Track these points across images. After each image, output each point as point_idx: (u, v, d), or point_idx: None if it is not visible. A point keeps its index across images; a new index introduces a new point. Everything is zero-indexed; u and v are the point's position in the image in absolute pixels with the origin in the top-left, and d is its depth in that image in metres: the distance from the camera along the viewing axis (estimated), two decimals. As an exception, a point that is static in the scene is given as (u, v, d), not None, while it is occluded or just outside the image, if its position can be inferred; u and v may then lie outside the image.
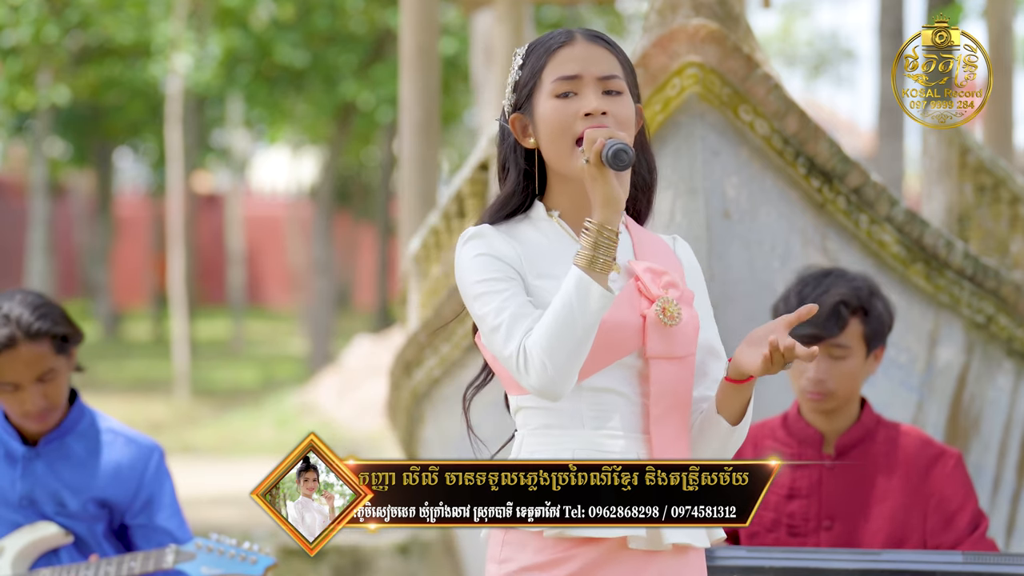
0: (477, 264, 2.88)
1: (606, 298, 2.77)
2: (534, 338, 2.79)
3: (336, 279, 26.14)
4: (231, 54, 19.87)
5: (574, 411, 2.90)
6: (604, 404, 2.90)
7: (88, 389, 4.39)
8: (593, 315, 2.77)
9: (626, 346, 2.88)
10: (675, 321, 2.87)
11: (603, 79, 2.90)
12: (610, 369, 2.89)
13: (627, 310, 2.88)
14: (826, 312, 3.91)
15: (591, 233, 2.78)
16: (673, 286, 2.90)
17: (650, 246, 2.97)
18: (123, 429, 4.29)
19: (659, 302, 2.87)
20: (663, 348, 2.88)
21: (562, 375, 2.79)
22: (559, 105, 2.89)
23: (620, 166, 2.75)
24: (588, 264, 2.77)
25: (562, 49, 2.92)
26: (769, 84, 4.79)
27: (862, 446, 4.00)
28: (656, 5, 4.79)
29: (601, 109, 2.87)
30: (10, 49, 20.26)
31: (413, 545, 8.31)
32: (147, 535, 4.22)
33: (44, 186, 23.05)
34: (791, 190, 4.91)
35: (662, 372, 2.88)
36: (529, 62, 2.95)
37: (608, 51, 2.93)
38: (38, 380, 4.09)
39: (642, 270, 2.90)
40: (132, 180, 37.41)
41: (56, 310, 4.14)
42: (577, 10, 22.74)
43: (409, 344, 6.27)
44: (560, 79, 2.89)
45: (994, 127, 8.22)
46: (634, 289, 2.90)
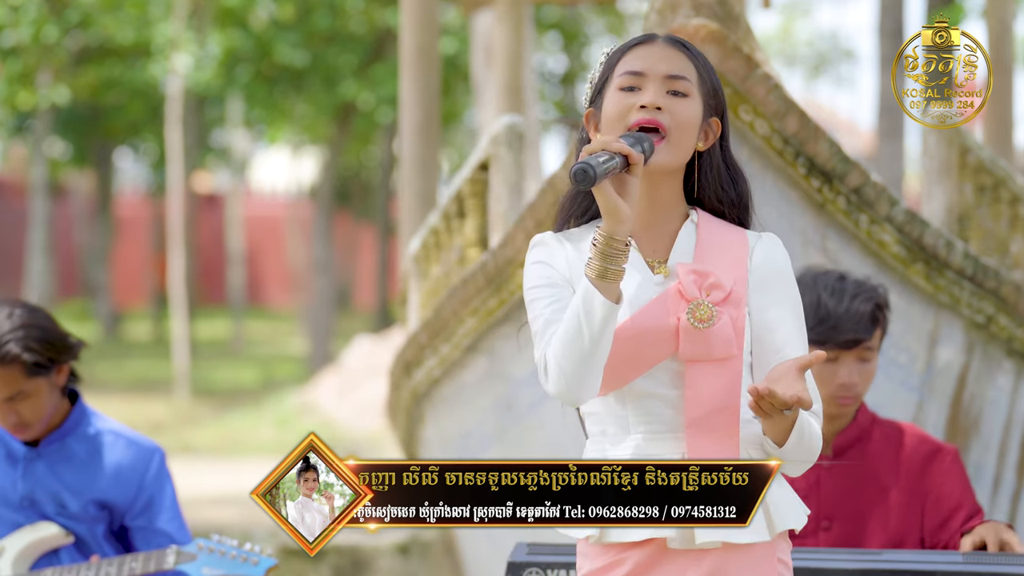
0: (532, 272, 2.93)
1: (609, 308, 2.77)
2: (552, 346, 2.82)
3: (336, 279, 26.14)
4: (231, 54, 19.87)
5: (621, 416, 2.92)
6: (649, 408, 2.90)
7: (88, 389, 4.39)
8: (599, 324, 2.77)
9: (661, 350, 2.88)
10: (707, 324, 2.85)
11: (669, 78, 2.90)
12: (653, 373, 2.89)
13: (662, 314, 2.87)
14: (867, 317, 3.92)
15: (599, 244, 2.78)
16: (718, 287, 2.88)
17: (718, 246, 2.94)
18: (124, 431, 4.28)
19: (692, 305, 2.86)
20: (698, 350, 2.86)
21: (575, 383, 2.81)
22: (621, 97, 2.90)
23: (578, 184, 2.73)
24: (597, 275, 2.78)
25: (638, 47, 2.94)
26: (769, 84, 4.79)
27: (859, 445, 4.00)
28: (656, 5, 4.79)
29: (657, 103, 2.87)
30: (10, 49, 20.26)
31: (413, 545, 8.32)
32: (147, 537, 4.22)
33: (44, 186, 23.05)
34: (791, 190, 4.91)
35: (699, 374, 2.87)
36: (609, 59, 2.97)
37: (684, 55, 2.93)
38: (8, 400, 4.06)
39: (685, 272, 2.89)
40: (132, 180, 37.41)
41: (38, 333, 4.06)
42: (577, 10, 22.74)
43: (409, 344, 6.27)
44: (626, 73, 2.91)
45: (994, 127, 8.22)
46: (675, 292, 2.88)
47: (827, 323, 3.91)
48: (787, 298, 2.96)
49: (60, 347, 4.10)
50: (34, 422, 4.11)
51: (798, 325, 2.95)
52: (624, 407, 2.92)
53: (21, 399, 4.06)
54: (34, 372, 4.05)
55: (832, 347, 3.92)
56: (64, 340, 4.12)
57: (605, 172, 2.75)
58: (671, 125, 2.88)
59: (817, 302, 3.94)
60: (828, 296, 3.95)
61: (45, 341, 4.06)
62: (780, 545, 2.92)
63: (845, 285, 3.97)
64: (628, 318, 2.87)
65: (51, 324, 4.12)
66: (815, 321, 3.92)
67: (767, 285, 2.95)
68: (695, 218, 2.97)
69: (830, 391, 3.94)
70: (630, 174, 2.80)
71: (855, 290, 3.96)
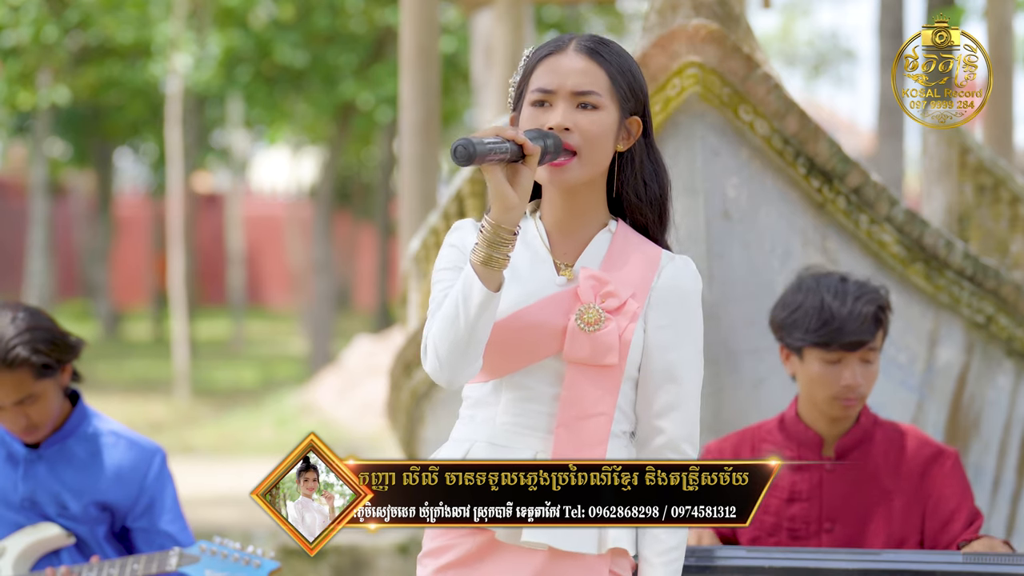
0: (443, 254, 2.99)
1: (486, 296, 2.81)
2: (432, 328, 2.87)
3: (336, 279, 26.13)
4: (231, 54, 19.86)
5: (493, 405, 2.97)
6: (520, 401, 2.95)
7: (88, 389, 4.39)
8: (475, 311, 2.81)
9: (547, 347, 2.92)
10: (593, 328, 2.89)
11: (577, 94, 2.93)
12: (535, 369, 2.93)
13: (554, 312, 2.92)
14: (870, 318, 3.93)
15: (485, 231, 2.82)
16: (613, 296, 2.92)
17: (626, 258, 2.98)
18: (125, 432, 4.28)
19: (582, 307, 2.90)
20: (581, 353, 2.90)
21: (449, 366, 2.86)
22: (533, 113, 2.96)
23: (455, 160, 2.76)
24: (481, 261, 2.81)
25: (549, 58, 2.97)
26: (769, 84, 4.79)
27: (861, 447, 4.00)
28: (656, 5, 4.79)
29: (564, 125, 2.91)
30: (10, 49, 20.25)
31: (413, 545, 8.31)
32: (148, 538, 4.22)
33: (44, 186, 23.04)
34: (791, 190, 4.91)
35: (578, 377, 2.91)
36: (525, 65, 3.01)
37: (595, 64, 2.96)
38: (18, 403, 4.07)
39: (585, 277, 2.93)
40: (132, 180, 37.40)
41: (43, 334, 4.08)
42: (577, 10, 22.73)
43: (409, 344, 6.27)
44: (537, 90, 2.96)
45: (994, 127, 8.21)
46: (572, 293, 2.93)
47: (831, 325, 3.92)
48: (686, 321, 2.99)
49: (64, 347, 4.12)
50: (42, 424, 4.12)
51: (694, 350, 2.98)
52: (498, 397, 2.97)
53: (31, 402, 4.08)
54: (43, 374, 4.06)
55: (836, 349, 3.93)
56: (66, 339, 4.14)
57: (487, 152, 2.77)
58: (580, 144, 2.93)
59: (820, 304, 3.95)
60: (831, 298, 3.95)
61: (51, 342, 4.08)
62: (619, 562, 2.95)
63: (847, 287, 3.97)
64: (521, 309, 2.92)
65: (53, 325, 4.14)
66: (819, 323, 3.93)
67: (667, 305, 2.97)
68: (612, 228, 3.01)
69: (834, 393, 3.94)
70: (525, 165, 2.83)
71: (858, 292, 3.96)
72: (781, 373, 4.57)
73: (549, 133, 2.90)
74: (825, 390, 3.94)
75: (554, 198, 3.00)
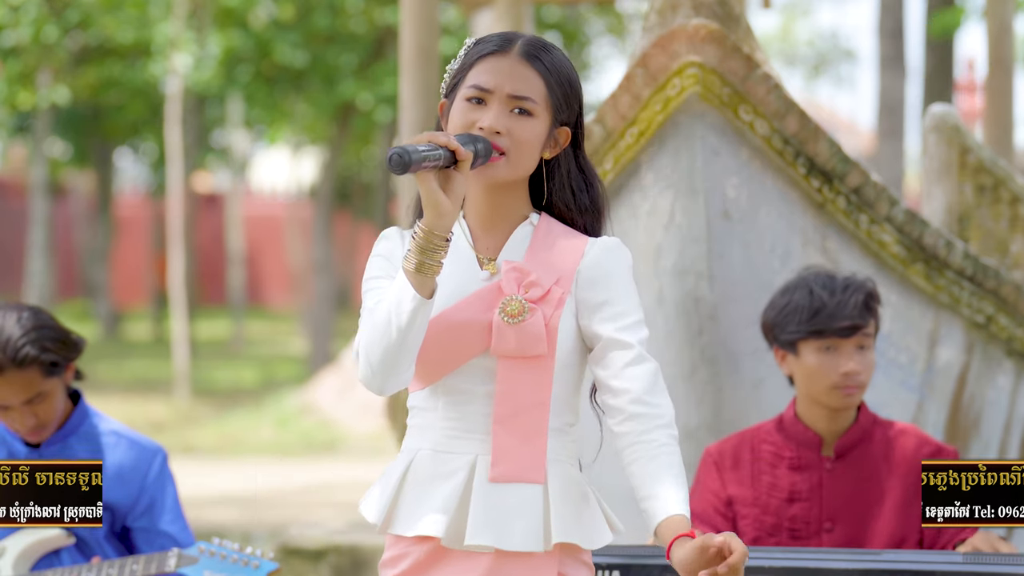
0: (371, 264, 2.99)
1: (418, 303, 2.78)
2: (364, 335, 2.85)
3: (336, 279, 26.13)
4: (231, 54, 19.85)
5: (432, 411, 2.94)
6: (458, 404, 2.91)
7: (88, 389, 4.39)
8: (407, 317, 2.78)
9: (475, 345, 2.89)
10: (517, 319, 2.86)
11: (513, 98, 2.92)
12: (467, 369, 2.90)
13: (479, 308, 2.89)
14: (861, 304, 3.96)
15: (418, 237, 2.80)
16: (536, 286, 2.89)
17: (549, 247, 2.95)
18: (126, 431, 4.28)
19: (504, 300, 2.88)
20: (508, 346, 2.87)
21: (380, 373, 2.82)
22: (466, 108, 2.94)
23: (391, 168, 2.74)
24: (414, 268, 2.79)
25: (491, 57, 2.96)
26: (769, 84, 4.79)
27: (861, 446, 4.00)
28: (656, 5, 4.79)
29: (496, 128, 2.90)
30: (10, 49, 20.25)
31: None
32: (149, 539, 4.22)
33: (44, 186, 23.03)
34: (791, 190, 4.90)
35: (510, 371, 2.88)
36: (466, 57, 2.99)
37: (534, 71, 2.94)
38: (27, 402, 4.08)
39: (507, 269, 2.91)
40: (132, 180, 37.41)
41: (50, 333, 4.08)
42: (577, 10, 22.73)
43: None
44: (474, 86, 2.94)
45: (994, 127, 8.21)
46: (495, 288, 2.91)
47: (823, 312, 3.94)
48: (621, 291, 2.93)
49: (69, 345, 4.13)
50: (49, 422, 4.14)
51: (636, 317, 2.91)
52: (436, 402, 2.93)
53: (39, 401, 4.09)
54: (51, 372, 4.08)
55: (830, 336, 3.94)
56: (70, 337, 4.15)
57: (422, 160, 2.75)
58: (510, 146, 2.91)
59: (810, 294, 3.98)
60: (820, 288, 3.99)
61: (57, 340, 4.10)
62: (565, 561, 2.91)
63: (835, 279, 4.02)
64: (446, 310, 2.89)
65: (56, 323, 4.16)
66: (811, 313, 3.95)
67: (596, 283, 2.93)
68: (534, 220, 2.99)
69: (833, 382, 3.95)
70: (457, 170, 2.81)
71: (845, 282, 4.02)
72: (781, 373, 4.57)
73: (479, 137, 2.88)
74: (824, 380, 3.95)
75: (477, 194, 2.98)
